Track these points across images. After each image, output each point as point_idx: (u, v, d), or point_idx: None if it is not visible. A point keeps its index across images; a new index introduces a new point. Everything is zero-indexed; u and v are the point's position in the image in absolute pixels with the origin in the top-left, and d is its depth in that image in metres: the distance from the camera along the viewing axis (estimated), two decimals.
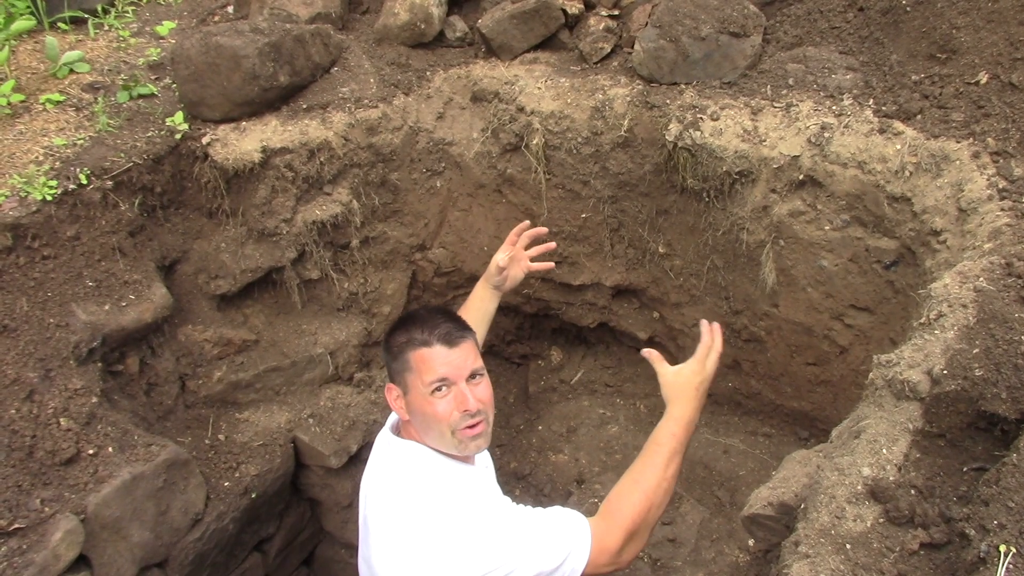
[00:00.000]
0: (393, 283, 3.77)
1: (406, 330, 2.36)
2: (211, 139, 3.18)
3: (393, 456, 2.39)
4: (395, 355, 2.37)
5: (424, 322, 2.35)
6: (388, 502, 2.28)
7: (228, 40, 3.07)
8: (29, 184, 2.86)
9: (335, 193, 3.37)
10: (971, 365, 1.87)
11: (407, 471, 2.32)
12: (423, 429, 2.35)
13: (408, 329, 2.36)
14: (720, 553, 3.11)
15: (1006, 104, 2.62)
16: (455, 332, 2.34)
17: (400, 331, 2.38)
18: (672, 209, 3.29)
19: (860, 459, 1.92)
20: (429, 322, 2.34)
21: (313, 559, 4.14)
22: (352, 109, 3.29)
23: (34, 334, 2.80)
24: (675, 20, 3.02)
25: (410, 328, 2.35)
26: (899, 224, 2.70)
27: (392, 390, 2.41)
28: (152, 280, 3.14)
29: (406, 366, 2.34)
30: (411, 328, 2.35)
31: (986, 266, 2.17)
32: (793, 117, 2.87)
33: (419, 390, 2.30)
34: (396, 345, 2.37)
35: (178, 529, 3.09)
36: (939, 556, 1.71)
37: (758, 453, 3.55)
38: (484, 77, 3.40)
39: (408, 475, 2.31)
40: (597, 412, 3.99)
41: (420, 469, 2.31)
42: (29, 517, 2.60)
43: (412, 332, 2.34)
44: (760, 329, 3.31)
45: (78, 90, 3.36)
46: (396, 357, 2.36)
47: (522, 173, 3.43)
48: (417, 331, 2.33)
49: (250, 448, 3.41)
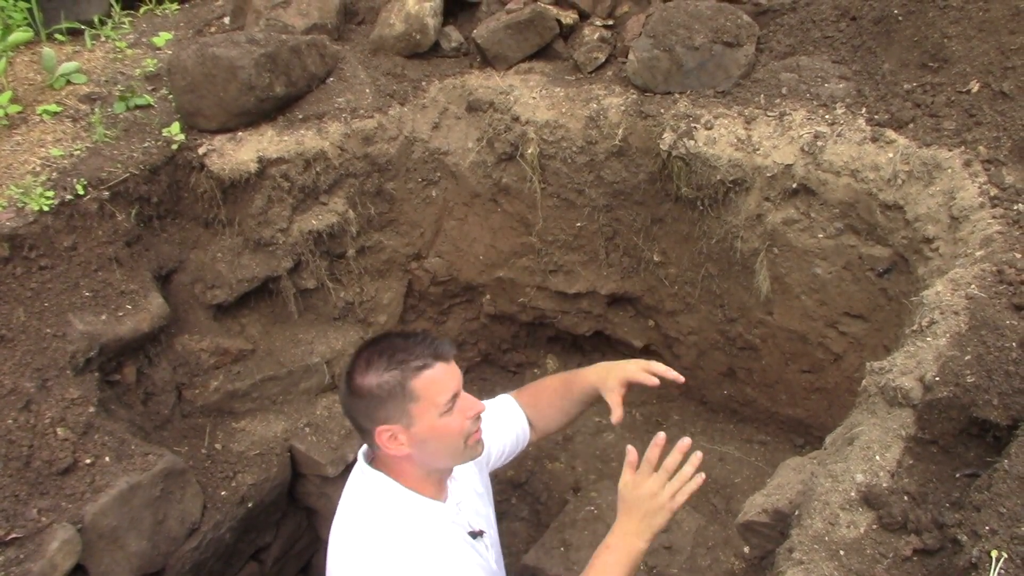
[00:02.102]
0: (389, 292, 3.77)
1: (388, 365, 2.15)
2: (207, 149, 3.19)
3: (359, 486, 2.30)
4: (388, 394, 2.15)
5: (405, 348, 2.17)
6: (340, 534, 2.24)
7: (224, 51, 3.08)
8: (26, 195, 2.86)
9: (331, 203, 3.38)
10: (963, 372, 1.89)
11: (367, 507, 2.25)
12: (432, 455, 2.23)
13: (389, 363, 2.15)
14: (716, 560, 3.12)
15: (997, 112, 2.64)
16: (439, 344, 2.21)
17: (378, 370, 2.15)
18: (667, 218, 3.30)
19: (853, 466, 1.93)
20: (410, 346, 2.18)
21: (310, 568, 4.13)
22: (348, 119, 3.31)
23: (31, 344, 2.80)
24: (669, 30, 3.03)
25: (391, 361, 2.15)
26: (892, 232, 2.71)
27: (384, 432, 2.18)
28: (149, 290, 3.14)
29: (410, 398, 2.15)
30: (392, 360, 2.15)
31: (978, 273, 2.19)
32: (786, 126, 2.89)
33: (430, 415, 2.16)
34: (386, 384, 2.15)
35: (175, 538, 3.09)
36: (932, 562, 1.71)
37: (753, 460, 3.56)
38: (479, 87, 3.42)
39: (366, 512, 2.24)
40: (593, 420, 3.99)
41: (381, 507, 2.24)
42: (26, 527, 2.60)
43: (399, 363, 2.15)
44: (755, 337, 3.33)
45: (75, 101, 3.37)
46: (391, 395, 2.15)
47: (517, 182, 3.44)
48: (405, 358, 2.15)
49: (247, 457, 3.41)
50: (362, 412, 2.19)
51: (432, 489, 2.31)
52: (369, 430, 2.19)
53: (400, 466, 2.26)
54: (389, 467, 2.28)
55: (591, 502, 3.38)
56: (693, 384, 3.75)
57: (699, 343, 3.56)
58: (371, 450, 2.36)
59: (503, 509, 3.72)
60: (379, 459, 2.31)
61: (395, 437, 2.18)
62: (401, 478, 2.27)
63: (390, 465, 2.27)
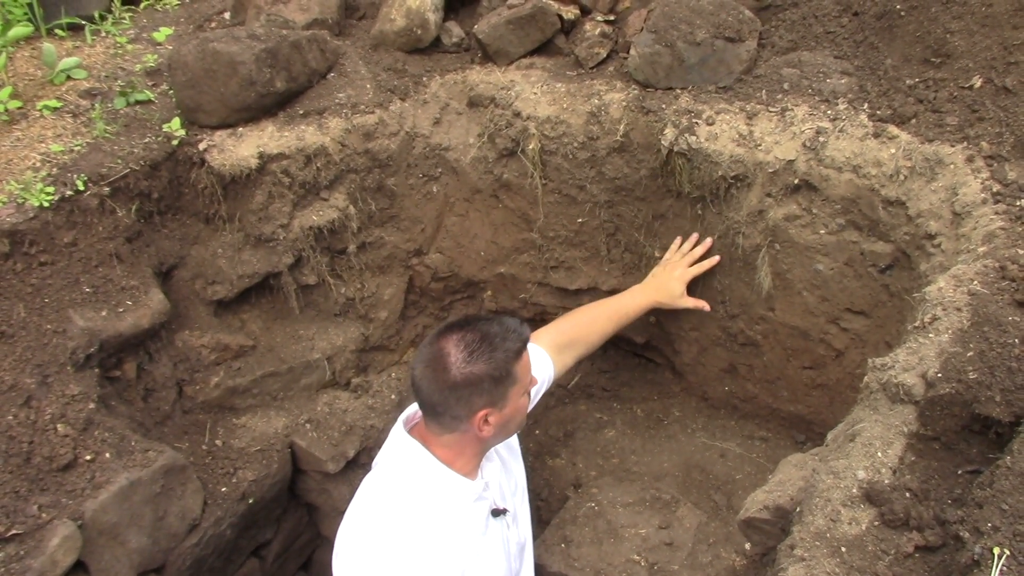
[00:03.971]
0: (390, 288, 3.77)
1: (492, 352, 2.21)
2: (208, 145, 3.19)
3: (395, 451, 2.37)
4: (495, 380, 2.22)
5: (501, 334, 2.24)
6: (366, 491, 2.33)
7: (225, 46, 3.07)
8: (26, 190, 2.86)
9: (332, 199, 3.37)
10: (965, 368, 1.88)
11: (395, 473, 2.33)
12: (505, 433, 2.34)
13: (493, 350, 2.21)
14: (717, 557, 3.12)
15: (1000, 108, 2.63)
16: (523, 326, 2.32)
17: (483, 358, 2.20)
18: (668, 213, 3.30)
19: (855, 462, 1.92)
20: (504, 331, 2.25)
21: (311, 564, 4.14)
22: (349, 115, 3.30)
23: (31, 340, 2.80)
24: (671, 25, 3.02)
25: (493, 347, 2.21)
26: (894, 228, 2.71)
27: (482, 417, 2.24)
28: (149, 286, 3.14)
29: (512, 381, 2.25)
30: (495, 347, 2.21)
31: (980, 269, 2.18)
32: (788, 122, 2.88)
33: (517, 396, 2.28)
34: (495, 371, 2.21)
35: (175, 535, 3.09)
36: (934, 559, 1.71)
37: (754, 457, 3.55)
38: (480, 82, 3.41)
39: (393, 477, 2.32)
40: (594, 416, 3.99)
41: (409, 476, 2.31)
42: (26, 523, 2.60)
43: (503, 349, 2.22)
44: (756, 333, 3.32)
45: (75, 96, 3.36)
46: (498, 381, 2.22)
47: (518, 178, 3.43)
48: (505, 344, 2.22)
49: (247, 454, 3.41)
50: (462, 400, 2.22)
51: (468, 466, 2.36)
52: (463, 416, 2.23)
53: (458, 444, 2.31)
54: (434, 441, 2.32)
55: (592, 498, 3.38)
56: (694, 380, 3.75)
57: (700, 339, 3.55)
58: (412, 416, 2.43)
59: None
60: (424, 431, 2.34)
61: (487, 420, 2.25)
62: (440, 451, 2.31)
63: (439, 441, 2.31)
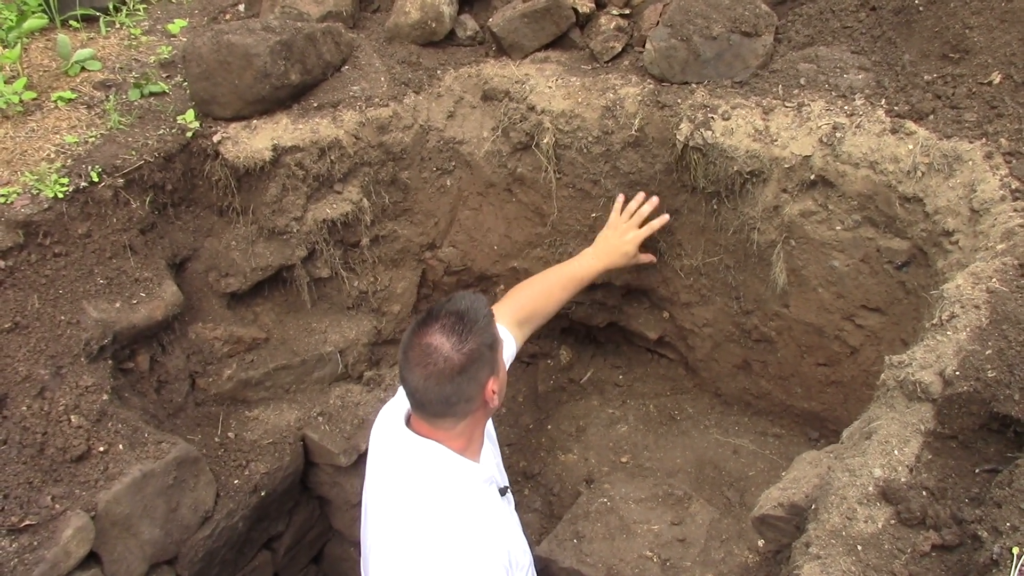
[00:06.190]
0: (403, 282, 3.77)
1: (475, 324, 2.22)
2: (222, 137, 3.19)
3: (416, 457, 2.32)
4: (489, 348, 2.26)
5: (471, 307, 2.25)
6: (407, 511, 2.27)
7: (240, 38, 3.07)
8: (41, 182, 2.87)
9: (345, 192, 3.37)
10: (983, 366, 1.87)
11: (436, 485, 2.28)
12: (501, 397, 2.35)
13: (475, 322, 2.22)
14: (730, 553, 3.11)
15: (1019, 104, 2.60)
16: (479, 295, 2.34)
17: (471, 333, 2.20)
18: (683, 209, 3.28)
19: (871, 460, 1.91)
20: (470, 303, 2.26)
21: (322, 557, 4.15)
22: (363, 108, 3.29)
23: (45, 331, 2.81)
24: (687, 19, 3.01)
25: (474, 320, 2.22)
26: (911, 225, 2.69)
27: (490, 387, 2.28)
28: (163, 278, 3.15)
29: (499, 342, 2.32)
30: (473, 320, 2.22)
31: (999, 267, 2.16)
32: (805, 117, 2.86)
33: (502, 357, 2.35)
34: (485, 341, 2.24)
35: (188, 527, 3.10)
36: (951, 558, 1.70)
37: (768, 454, 3.54)
38: (495, 76, 3.40)
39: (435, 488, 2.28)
40: (607, 412, 3.98)
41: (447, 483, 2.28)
42: (40, 514, 2.61)
43: (480, 316, 2.24)
44: (771, 329, 3.31)
45: (90, 88, 3.37)
46: (491, 348, 2.27)
47: (532, 172, 3.42)
48: (481, 313, 2.25)
49: (260, 446, 3.41)
50: (472, 379, 2.22)
51: (476, 450, 2.38)
52: (475, 396, 2.25)
53: (468, 429, 2.31)
54: (444, 436, 2.30)
55: (604, 494, 3.37)
56: (708, 376, 3.74)
57: (714, 335, 3.54)
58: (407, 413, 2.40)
59: (516, 500, 3.72)
60: (430, 429, 2.31)
61: (492, 389, 2.28)
62: (454, 443, 2.30)
63: (450, 434, 2.29)
